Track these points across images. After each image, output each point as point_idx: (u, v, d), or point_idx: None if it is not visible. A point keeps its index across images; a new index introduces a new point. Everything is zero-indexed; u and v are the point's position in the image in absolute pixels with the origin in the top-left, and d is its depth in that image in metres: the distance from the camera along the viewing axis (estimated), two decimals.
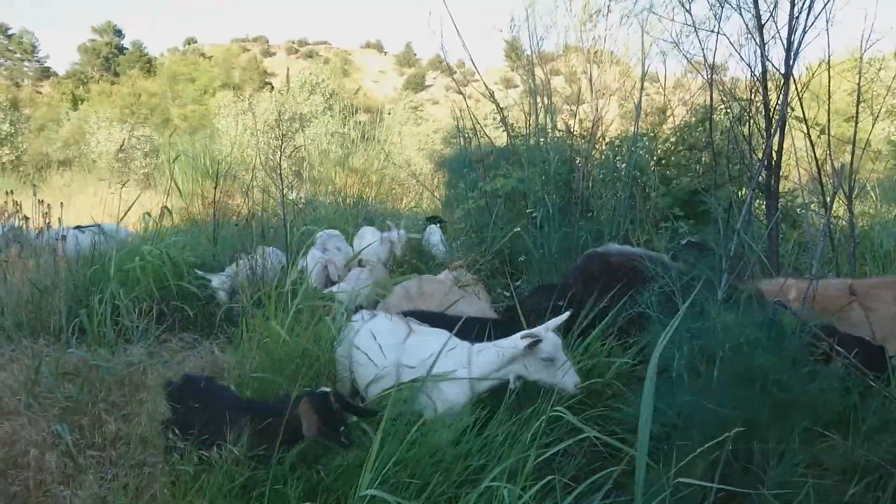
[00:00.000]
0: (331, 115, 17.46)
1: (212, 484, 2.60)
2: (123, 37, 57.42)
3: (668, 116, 7.13)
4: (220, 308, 4.98)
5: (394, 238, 6.28)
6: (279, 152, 6.48)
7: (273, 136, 11.95)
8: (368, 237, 6.61)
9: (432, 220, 7.65)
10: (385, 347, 3.31)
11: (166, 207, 6.99)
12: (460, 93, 7.05)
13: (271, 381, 3.47)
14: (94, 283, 5.16)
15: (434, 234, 7.18)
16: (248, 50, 66.40)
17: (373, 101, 41.44)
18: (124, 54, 55.36)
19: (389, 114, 20.23)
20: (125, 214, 6.38)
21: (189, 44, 66.74)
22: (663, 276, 2.99)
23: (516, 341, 3.01)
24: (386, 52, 77.96)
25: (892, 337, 3.45)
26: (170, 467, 2.83)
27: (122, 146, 14.94)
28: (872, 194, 9.50)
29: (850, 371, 2.89)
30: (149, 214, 7.09)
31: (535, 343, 2.90)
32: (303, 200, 9.48)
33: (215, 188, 6.99)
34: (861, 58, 4.64)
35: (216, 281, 5.26)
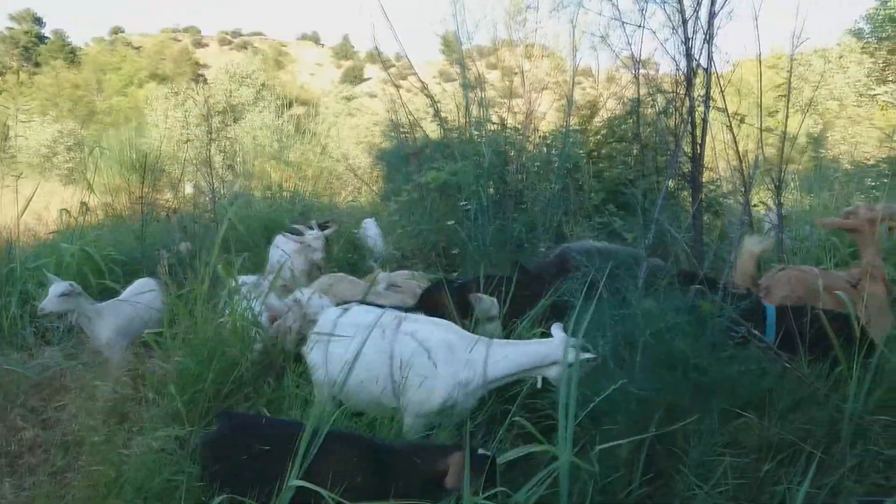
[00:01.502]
0: (265, 108, 17.12)
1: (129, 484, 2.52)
2: (44, 25, 54.61)
3: (600, 110, 7.26)
4: None
5: (309, 242, 5.54)
6: (208, 146, 6.27)
7: (204, 129, 11.62)
8: (282, 246, 5.94)
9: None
10: (374, 341, 3.13)
11: (84, 203, 6.69)
12: (396, 86, 7.00)
13: (197, 375, 3.38)
14: (9, 283, 4.92)
15: (370, 227, 7.12)
16: (178, 41, 64.22)
17: (310, 93, 40.76)
18: (45, 44, 52.68)
19: (326, 108, 20.00)
20: (24, 209, 6.02)
21: (116, 33, 64.15)
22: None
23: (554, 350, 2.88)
24: (323, 45, 76.72)
25: None
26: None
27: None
28: (793, 185, 9.96)
29: (768, 353, 3.03)
30: (67, 211, 6.79)
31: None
32: (236, 195, 9.24)
33: (142, 183, 6.74)
34: (792, 56, 4.83)
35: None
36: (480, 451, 2.38)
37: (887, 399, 3.07)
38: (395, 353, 3.07)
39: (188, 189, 8.63)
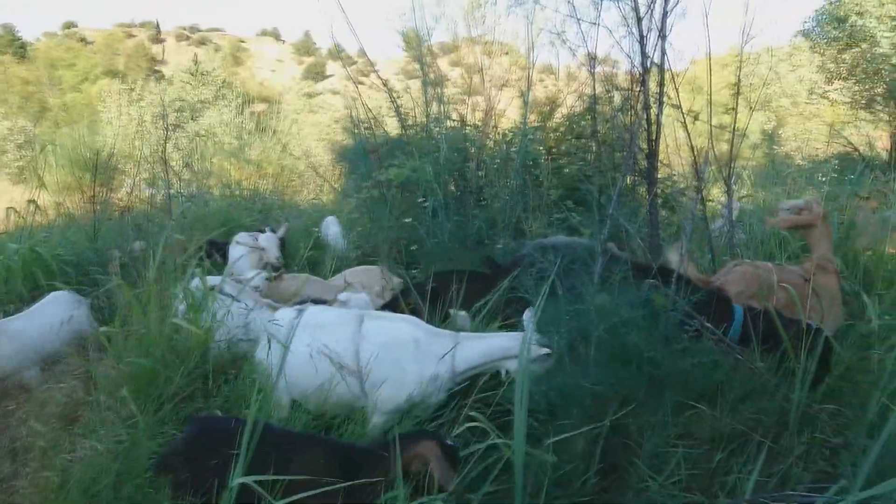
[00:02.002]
0: (224, 105, 16.85)
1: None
2: None
3: (560, 106, 7.31)
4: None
5: (262, 245, 5.38)
6: (164, 144, 6.13)
7: (161, 126, 11.39)
8: (241, 248, 5.75)
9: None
10: (339, 339, 3.11)
11: (34, 202, 6.49)
12: (359, 83, 6.95)
13: (152, 376, 3.31)
14: None
15: (331, 226, 7.05)
16: (134, 36, 62.74)
17: (270, 90, 40.25)
18: None
19: (288, 105, 19.77)
20: None
21: (68, 28, 62.37)
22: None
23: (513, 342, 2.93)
24: (283, 41, 75.84)
25: None
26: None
27: None
28: (748, 180, 10.18)
29: (721, 346, 3.09)
30: (15, 210, 6.58)
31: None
32: (193, 193, 9.07)
33: (93, 182, 6.57)
34: (741, 52, 4.91)
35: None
36: (448, 441, 2.39)
37: (834, 389, 3.18)
38: (361, 352, 3.04)
39: (143, 188, 8.43)
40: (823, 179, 8.87)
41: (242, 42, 70.23)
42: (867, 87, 11.71)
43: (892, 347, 3.32)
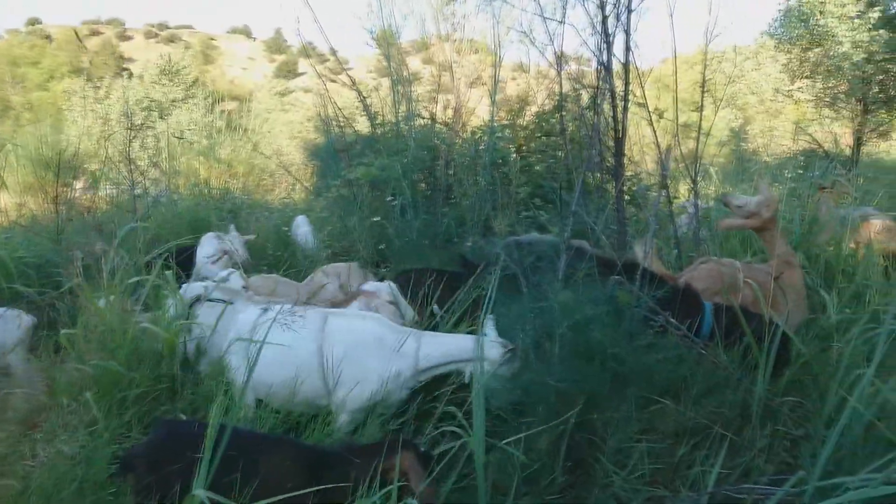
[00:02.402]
0: (194, 104, 16.61)
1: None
2: None
3: (530, 104, 7.33)
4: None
5: (226, 246, 5.19)
6: (129, 143, 6.01)
7: (127, 125, 11.19)
8: (208, 248, 5.56)
9: None
10: (301, 340, 3.08)
11: None
12: (331, 81, 6.90)
13: (115, 378, 3.26)
14: None
15: (302, 225, 6.98)
16: (100, 33, 61.58)
17: (241, 88, 39.83)
18: None
19: (259, 104, 19.57)
20: None
21: (32, 24, 61.00)
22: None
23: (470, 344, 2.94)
24: (254, 38, 75.03)
25: None
26: None
27: None
28: (715, 177, 10.33)
29: (685, 341, 3.13)
30: None
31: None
32: (161, 193, 8.92)
33: (56, 182, 6.43)
34: (706, 50, 4.96)
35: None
36: (422, 448, 2.39)
37: (795, 382, 3.24)
38: (325, 350, 3.03)
39: (107, 188, 8.27)
40: (789, 176, 9.03)
41: (213, 40, 69.38)
42: (830, 85, 11.95)
43: (851, 340, 3.39)
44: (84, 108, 16.97)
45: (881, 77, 11.35)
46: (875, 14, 10.60)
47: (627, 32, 4.22)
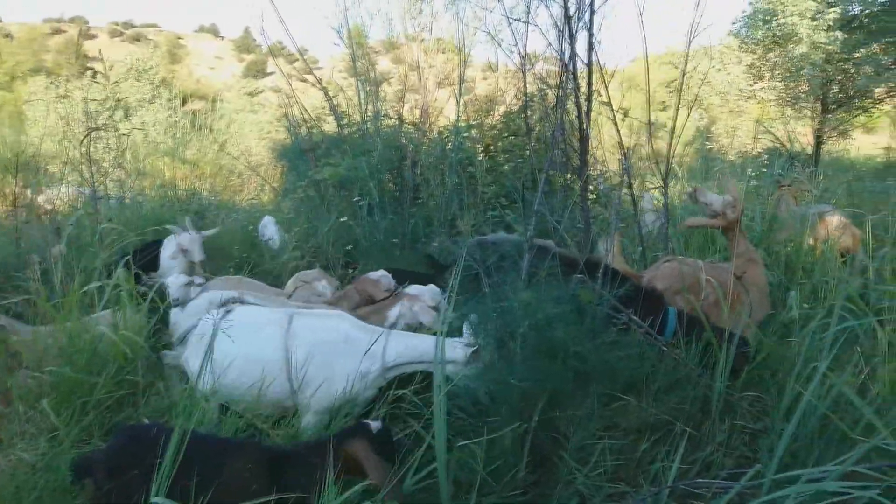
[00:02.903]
0: (160, 104, 16.32)
1: None
2: None
3: (498, 104, 7.35)
4: None
5: (185, 245, 5.02)
6: (88, 144, 5.88)
7: (88, 125, 10.96)
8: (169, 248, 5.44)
9: None
10: (267, 340, 3.04)
11: None
12: (302, 80, 6.83)
13: (74, 385, 3.19)
14: None
15: (268, 226, 6.90)
16: (63, 31, 60.24)
17: (210, 88, 39.27)
18: None
19: (224, 101, 19.31)
20: None
21: None
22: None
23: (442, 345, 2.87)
24: (223, 38, 74.07)
25: None
26: None
27: None
28: (682, 176, 10.48)
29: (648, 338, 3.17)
30: None
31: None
32: (122, 194, 8.76)
33: (14, 184, 6.28)
34: (687, 50, 5.02)
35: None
36: (372, 423, 2.36)
37: (755, 377, 3.30)
38: (291, 351, 3.00)
39: (69, 189, 8.07)
40: (753, 174, 9.20)
41: (180, 39, 68.37)
42: (791, 85, 12.20)
43: (811, 334, 3.46)
44: (46, 108, 16.58)
45: (840, 77, 11.62)
46: (832, 15, 10.85)
47: (590, 32, 4.26)
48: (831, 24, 10.84)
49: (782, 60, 11.88)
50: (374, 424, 2.37)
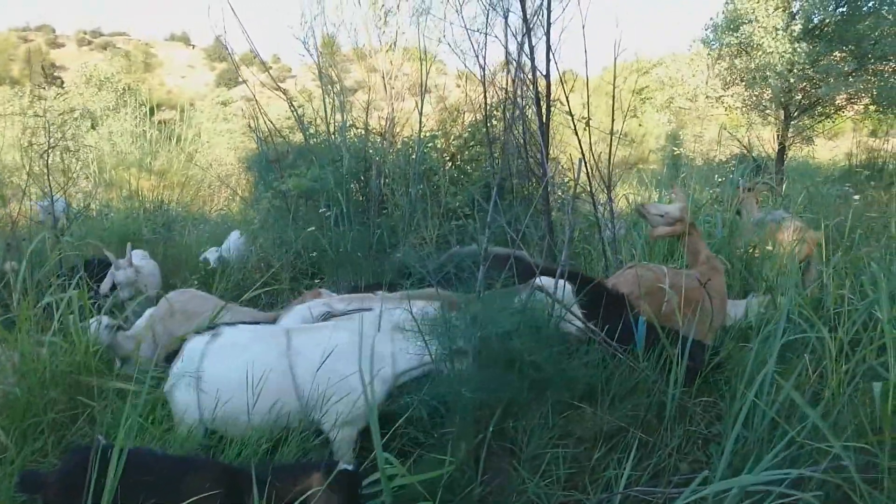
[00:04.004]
0: (126, 113, 16.14)
1: None
2: None
3: (462, 114, 7.38)
4: None
5: (122, 269, 4.95)
6: (48, 155, 5.79)
7: (53, 135, 10.78)
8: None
9: None
10: (268, 360, 2.89)
11: None
12: (274, 88, 6.78)
13: (27, 405, 3.14)
14: None
15: (232, 240, 6.75)
16: (30, 40, 59.30)
17: (181, 97, 38.89)
18: None
19: (197, 110, 19.17)
20: None
21: None
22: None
23: None
24: (194, 46, 73.39)
25: None
26: None
27: None
28: (648, 182, 10.64)
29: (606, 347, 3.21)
30: None
31: None
32: (85, 206, 8.64)
33: None
34: (653, 57, 5.09)
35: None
36: (342, 466, 2.32)
37: (710, 382, 3.35)
38: (299, 370, 2.88)
39: (30, 203, 7.93)
40: (720, 180, 9.35)
41: (150, 47, 67.60)
42: (757, 92, 12.43)
43: (765, 340, 3.52)
44: (12, 119, 16.32)
45: (803, 84, 11.87)
46: (798, 26, 11.10)
47: (548, 44, 4.32)
48: (795, 34, 11.08)
49: (747, 68, 12.09)
50: (346, 467, 2.32)
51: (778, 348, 2.91)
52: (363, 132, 6.43)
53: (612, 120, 4.54)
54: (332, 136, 6.28)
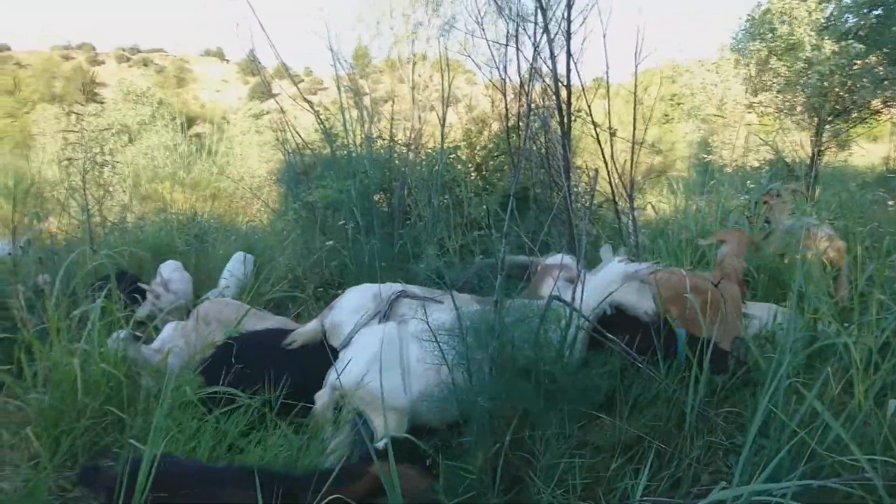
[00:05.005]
0: (163, 126, 16.57)
1: None
2: None
3: (489, 124, 7.42)
4: None
5: (157, 290, 5.13)
6: (83, 169, 5.98)
7: (90, 151, 11.13)
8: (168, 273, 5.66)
9: None
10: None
11: None
12: (306, 99, 6.90)
13: (59, 414, 3.24)
14: None
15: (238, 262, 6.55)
16: (72, 58, 61.19)
17: (215, 111, 39.73)
18: None
19: (229, 123, 19.57)
20: None
21: (1, 52, 60.45)
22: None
23: None
24: (228, 60, 74.85)
25: None
26: None
27: None
28: (677, 189, 10.50)
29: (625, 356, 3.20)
30: None
31: None
32: (120, 219, 8.89)
33: (13, 212, 6.37)
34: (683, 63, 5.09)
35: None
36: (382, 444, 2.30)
37: (734, 392, 3.31)
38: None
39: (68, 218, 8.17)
40: (752, 186, 9.20)
41: (186, 63, 69.19)
42: (788, 97, 12.23)
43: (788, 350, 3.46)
44: (54, 135, 16.89)
45: (837, 89, 11.62)
46: (848, 24, 10.86)
47: (569, 54, 4.33)
48: (839, 32, 10.87)
49: (781, 71, 11.89)
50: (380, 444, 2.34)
51: (798, 357, 2.87)
52: (389, 143, 6.50)
53: (634, 129, 4.52)
54: (359, 148, 6.36)
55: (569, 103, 4.44)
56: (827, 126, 12.10)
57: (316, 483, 2.17)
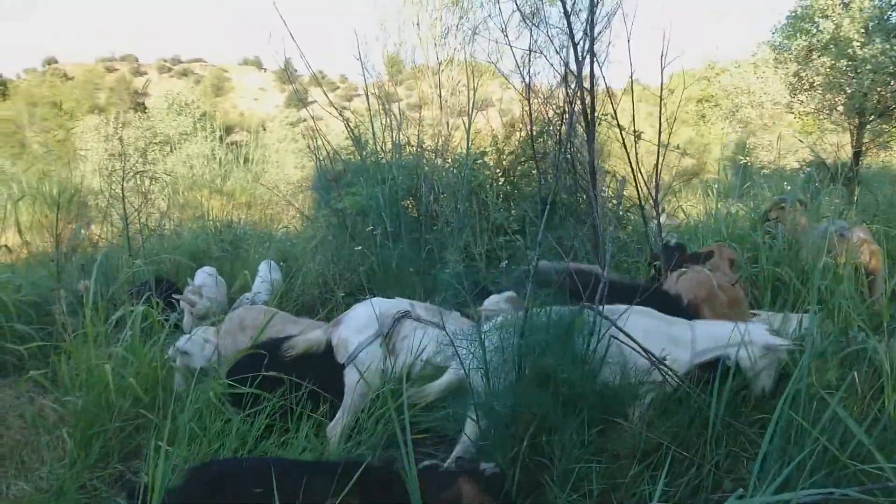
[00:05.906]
0: (203, 137, 16.97)
1: None
2: None
3: (520, 129, 7.42)
4: None
5: (191, 298, 5.16)
6: (122, 178, 6.17)
7: (132, 161, 11.45)
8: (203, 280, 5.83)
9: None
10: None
11: (6, 246, 6.51)
12: (342, 106, 7.03)
13: (94, 415, 3.37)
14: None
15: (264, 270, 6.32)
16: (115, 69, 63.03)
17: (253, 120, 40.48)
18: None
19: (267, 132, 19.92)
20: None
21: (49, 64, 62.59)
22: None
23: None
24: (265, 69, 76.20)
25: None
26: None
27: None
28: (710, 193, 10.33)
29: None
30: None
31: None
32: (159, 226, 9.14)
33: (57, 219, 6.62)
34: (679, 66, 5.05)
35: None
36: (488, 468, 2.31)
37: (762, 401, 3.26)
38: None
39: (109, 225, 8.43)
40: (789, 188, 9.01)
41: (225, 72, 70.73)
42: (828, 98, 11.93)
43: (819, 354, 3.40)
44: (97, 145, 17.45)
45: (880, 88, 11.29)
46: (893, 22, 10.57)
47: (592, 57, 4.33)
48: (889, 29, 10.57)
49: (823, 69, 11.57)
50: (488, 467, 2.34)
51: (831, 363, 2.83)
52: (418, 149, 6.57)
53: (659, 132, 4.50)
54: (388, 155, 6.45)
55: (592, 107, 4.44)
56: (868, 126, 11.77)
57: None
